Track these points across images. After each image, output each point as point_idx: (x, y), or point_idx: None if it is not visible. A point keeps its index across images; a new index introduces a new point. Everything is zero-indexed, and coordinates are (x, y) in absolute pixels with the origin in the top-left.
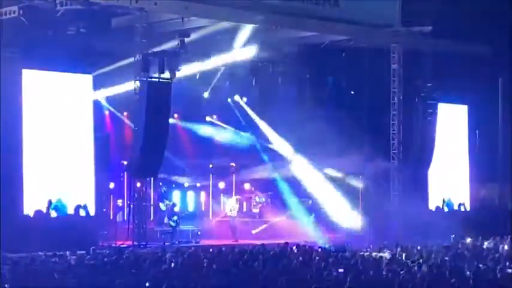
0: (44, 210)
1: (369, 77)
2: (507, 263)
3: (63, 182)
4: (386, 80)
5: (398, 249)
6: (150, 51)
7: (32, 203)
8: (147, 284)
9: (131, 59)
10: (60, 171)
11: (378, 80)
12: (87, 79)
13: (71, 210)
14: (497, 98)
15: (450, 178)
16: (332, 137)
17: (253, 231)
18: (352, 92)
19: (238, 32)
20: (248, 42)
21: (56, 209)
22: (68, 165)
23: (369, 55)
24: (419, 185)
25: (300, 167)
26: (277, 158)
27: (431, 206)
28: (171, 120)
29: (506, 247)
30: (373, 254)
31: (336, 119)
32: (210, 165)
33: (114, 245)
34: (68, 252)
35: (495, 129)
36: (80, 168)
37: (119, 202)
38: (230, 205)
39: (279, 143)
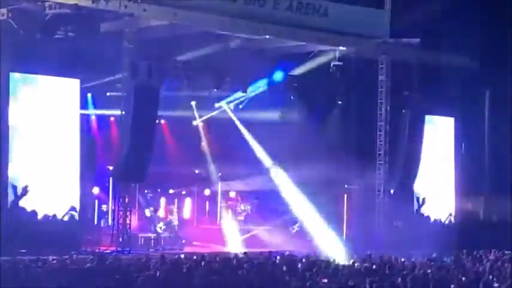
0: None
1: (356, 87)
2: (490, 277)
3: (48, 185)
4: (374, 91)
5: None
6: (138, 57)
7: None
8: None
9: (120, 64)
10: (46, 175)
11: (365, 90)
12: (74, 83)
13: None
14: (483, 111)
15: (436, 190)
16: (318, 148)
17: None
18: (340, 102)
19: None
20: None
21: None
22: (53, 169)
23: (357, 65)
24: (405, 197)
25: (280, 178)
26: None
27: (417, 217)
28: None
29: (490, 260)
30: (356, 264)
31: (321, 128)
32: (196, 171)
33: (97, 250)
34: (50, 257)
35: (481, 141)
36: (65, 173)
37: (104, 207)
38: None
39: (262, 153)
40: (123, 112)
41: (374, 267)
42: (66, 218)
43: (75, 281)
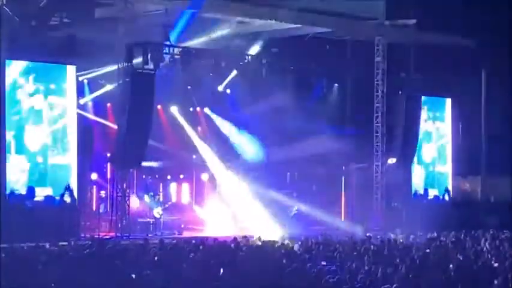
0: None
1: (352, 69)
2: (489, 256)
3: (46, 171)
4: (370, 73)
5: (381, 241)
6: (134, 42)
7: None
8: (133, 276)
9: (115, 50)
10: (43, 162)
11: (361, 72)
12: (70, 69)
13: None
14: (480, 91)
15: (433, 171)
16: (314, 130)
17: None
18: (336, 85)
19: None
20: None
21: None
22: (50, 156)
23: (352, 47)
24: (402, 178)
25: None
26: None
27: (415, 198)
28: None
29: (488, 240)
30: (355, 246)
31: (319, 110)
32: (194, 157)
33: (96, 236)
34: (47, 244)
35: (478, 121)
36: (63, 159)
37: (102, 193)
38: None
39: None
40: (120, 98)
41: (373, 248)
42: (66, 199)
43: (74, 267)
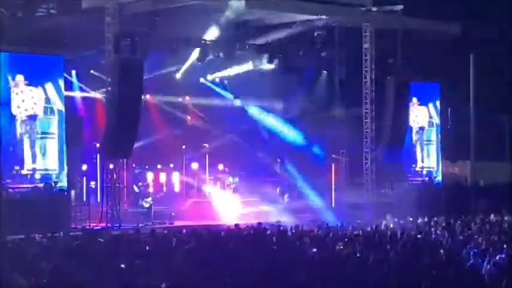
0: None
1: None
2: (479, 240)
3: (35, 163)
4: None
5: (371, 227)
6: (121, 32)
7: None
8: (122, 266)
9: (103, 40)
10: (31, 153)
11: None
12: (58, 61)
13: None
14: (468, 75)
15: (423, 156)
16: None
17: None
18: (325, 72)
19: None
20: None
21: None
22: (38, 147)
23: (340, 34)
24: (392, 164)
25: None
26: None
27: (405, 183)
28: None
29: (477, 224)
30: (346, 232)
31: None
32: (183, 147)
33: (87, 227)
34: (37, 235)
35: (467, 106)
36: (52, 150)
37: (92, 184)
38: None
39: None
40: (108, 88)
41: (363, 234)
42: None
43: (65, 258)
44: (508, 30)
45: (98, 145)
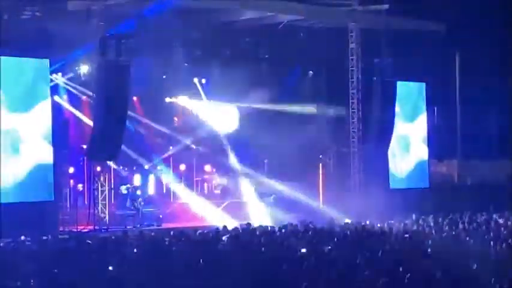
0: None
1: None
2: (467, 238)
3: (22, 167)
4: (345, 60)
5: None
6: (107, 34)
7: None
8: (110, 268)
9: (89, 42)
10: (18, 157)
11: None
12: (43, 63)
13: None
14: (454, 74)
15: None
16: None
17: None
18: (311, 72)
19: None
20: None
21: None
22: (25, 150)
23: (326, 34)
24: (379, 163)
25: None
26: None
27: (392, 183)
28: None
29: (465, 222)
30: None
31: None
32: (171, 148)
33: (75, 230)
34: (24, 238)
35: (453, 105)
36: (39, 152)
37: (79, 186)
38: None
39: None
40: (95, 91)
41: (351, 233)
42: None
43: (53, 261)
44: (492, 29)
45: (84, 147)
